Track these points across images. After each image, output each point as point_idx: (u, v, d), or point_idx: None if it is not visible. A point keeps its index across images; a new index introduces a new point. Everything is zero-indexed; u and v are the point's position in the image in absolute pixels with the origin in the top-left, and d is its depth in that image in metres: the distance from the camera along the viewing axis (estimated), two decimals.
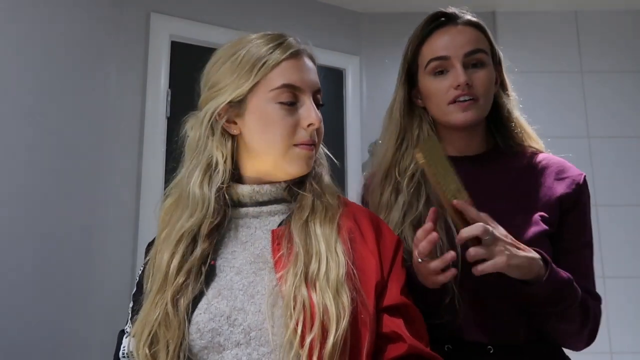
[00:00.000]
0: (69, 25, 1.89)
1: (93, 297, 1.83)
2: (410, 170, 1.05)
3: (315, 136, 0.90)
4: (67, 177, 1.82)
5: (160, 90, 2.11)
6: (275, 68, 0.88)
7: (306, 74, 0.90)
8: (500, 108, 1.08)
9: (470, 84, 0.99)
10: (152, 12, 2.13)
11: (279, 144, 0.87)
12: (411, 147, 1.07)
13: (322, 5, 2.53)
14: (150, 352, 0.80)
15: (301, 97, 0.89)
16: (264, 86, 0.87)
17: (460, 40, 1.02)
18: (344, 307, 0.77)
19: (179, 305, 0.81)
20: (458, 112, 1.00)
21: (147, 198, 2.00)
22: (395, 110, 1.10)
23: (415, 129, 1.08)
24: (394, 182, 1.06)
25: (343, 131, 2.52)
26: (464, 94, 0.99)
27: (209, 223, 0.87)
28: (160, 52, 2.12)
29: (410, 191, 1.03)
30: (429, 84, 1.04)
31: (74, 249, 1.81)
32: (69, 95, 1.86)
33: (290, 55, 0.89)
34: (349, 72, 2.56)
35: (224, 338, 0.79)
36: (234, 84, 0.88)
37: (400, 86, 1.11)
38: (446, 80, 1.01)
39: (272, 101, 0.87)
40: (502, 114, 1.08)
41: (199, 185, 0.88)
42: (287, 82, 0.87)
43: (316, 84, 0.92)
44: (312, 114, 0.88)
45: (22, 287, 1.68)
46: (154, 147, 2.05)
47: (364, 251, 0.88)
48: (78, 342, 1.77)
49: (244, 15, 2.31)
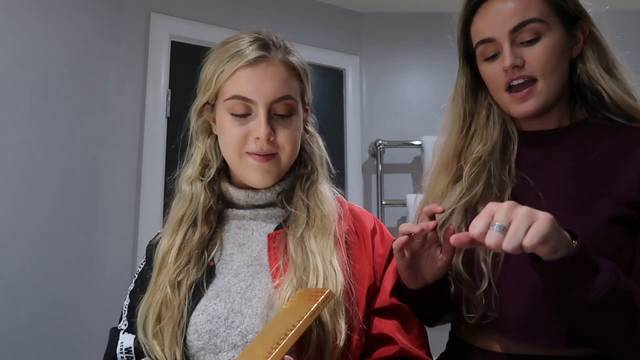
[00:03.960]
0: (69, 25, 1.89)
1: (93, 297, 1.83)
2: (476, 154, 0.94)
3: (271, 147, 0.86)
4: (67, 177, 1.82)
5: (160, 90, 2.11)
6: (230, 78, 0.86)
7: (262, 83, 0.85)
8: (581, 74, 0.91)
9: (522, 64, 0.86)
10: (152, 12, 2.12)
11: (232, 151, 0.88)
12: (479, 133, 0.97)
13: (322, 5, 2.53)
14: (153, 332, 0.82)
15: (254, 108, 0.86)
16: (221, 94, 0.88)
17: (504, 15, 0.87)
18: (340, 330, 0.78)
19: (181, 287, 0.84)
20: (514, 104, 0.89)
21: (147, 198, 2.00)
22: (458, 98, 0.99)
23: (483, 113, 0.97)
24: (455, 171, 0.97)
25: (343, 131, 2.52)
26: (517, 77, 0.87)
27: (203, 207, 0.90)
28: (160, 52, 2.12)
29: (471, 176, 0.93)
30: (483, 70, 0.93)
31: (74, 249, 1.81)
32: (69, 95, 1.86)
33: (246, 63, 0.85)
34: (349, 72, 2.56)
35: (220, 340, 0.80)
36: (206, 86, 0.90)
37: (461, 72, 1.00)
38: (497, 64, 0.89)
39: (226, 111, 0.87)
40: (581, 80, 0.91)
41: (187, 181, 0.93)
42: (237, 93, 0.85)
43: (275, 93, 0.85)
44: (261, 128, 0.84)
45: (22, 286, 1.68)
46: (154, 147, 2.05)
47: (359, 255, 0.88)
48: (78, 341, 1.77)
49: (244, 15, 2.31)
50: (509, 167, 0.92)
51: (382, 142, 2.45)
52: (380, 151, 2.46)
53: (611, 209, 0.80)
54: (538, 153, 0.86)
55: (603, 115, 0.90)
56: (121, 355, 0.86)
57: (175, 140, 2.07)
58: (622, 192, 0.81)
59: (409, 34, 2.59)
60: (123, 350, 0.86)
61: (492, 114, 0.96)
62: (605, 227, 0.80)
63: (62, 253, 1.78)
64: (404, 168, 2.53)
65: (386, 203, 2.43)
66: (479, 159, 0.94)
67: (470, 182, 0.93)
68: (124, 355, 0.86)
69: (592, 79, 0.90)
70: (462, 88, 0.99)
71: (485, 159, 0.94)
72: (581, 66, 0.91)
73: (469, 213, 0.91)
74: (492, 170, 0.92)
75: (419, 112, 2.51)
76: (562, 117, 0.93)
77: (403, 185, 2.47)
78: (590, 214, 0.81)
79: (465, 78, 0.99)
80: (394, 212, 2.45)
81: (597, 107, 0.90)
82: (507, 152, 0.94)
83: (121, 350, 0.87)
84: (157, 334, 0.82)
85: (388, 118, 2.56)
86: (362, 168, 2.54)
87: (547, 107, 0.89)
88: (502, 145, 0.95)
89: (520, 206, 0.67)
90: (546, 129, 0.92)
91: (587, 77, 0.90)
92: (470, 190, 0.92)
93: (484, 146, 0.94)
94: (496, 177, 0.91)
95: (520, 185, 0.89)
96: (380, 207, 2.43)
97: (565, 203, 0.83)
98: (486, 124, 0.97)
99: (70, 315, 1.77)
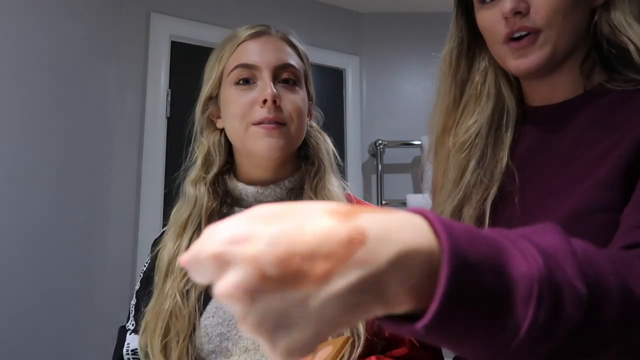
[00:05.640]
0: (69, 25, 1.89)
1: (93, 297, 1.83)
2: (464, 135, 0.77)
3: (279, 114, 0.83)
4: (67, 177, 1.82)
5: (160, 90, 2.11)
6: (234, 52, 0.87)
7: (265, 51, 0.86)
8: (601, 24, 0.70)
9: (525, 10, 0.68)
10: (152, 12, 2.13)
11: (237, 124, 0.85)
12: (470, 106, 0.79)
13: (322, 5, 2.53)
14: (162, 343, 0.79)
15: (258, 75, 0.85)
16: (225, 72, 0.88)
17: None
18: (358, 333, 0.76)
19: (189, 296, 0.81)
20: (512, 57, 0.71)
21: (147, 198, 2.00)
22: (447, 59, 0.80)
23: (477, 80, 0.79)
24: (447, 154, 0.80)
25: (343, 131, 2.52)
26: (519, 27, 0.69)
27: (206, 210, 0.87)
28: (160, 52, 2.12)
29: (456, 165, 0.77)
30: (479, 17, 0.75)
31: (74, 248, 1.81)
32: (69, 95, 1.86)
33: (249, 36, 0.88)
34: (349, 72, 2.56)
35: (232, 343, 0.78)
36: (207, 78, 0.90)
37: (454, 25, 0.80)
38: (497, 9, 0.71)
39: (230, 85, 0.87)
40: (602, 32, 0.70)
41: (191, 183, 0.90)
42: (240, 62, 0.86)
43: (278, 59, 0.86)
44: (267, 90, 0.82)
45: (22, 286, 1.68)
46: (154, 147, 2.05)
47: None
48: (78, 341, 1.77)
49: (244, 15, 2.31)
50: (502, 154, 0.75)
51: (382, 142, 2.45)
52: (380, 151, 2.46)
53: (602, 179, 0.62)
54: (541, 134, 0.71)
55: (627, 78, 0.69)
56: (127, 357, 0.85)
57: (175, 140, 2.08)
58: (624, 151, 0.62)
59: (409, 34, 2.60)
60: (129, 352, 0.85)
61: (487, 80, 0.78)
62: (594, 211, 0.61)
63: (62, 253, 1.78)
64: (404, 168, 2.53)
65: (386, 203, 2.43)
66: (467, 143, 0.77)
67: (455, 173, 0.77)
68: (131, 357, 0.85)
69: (616, 28, 0.69)
70: (453, 47, 0.80)
71: (473, 142, 0.77)
72: (605, 15, 0.70)
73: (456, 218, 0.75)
74: (481, 157, 0.76)
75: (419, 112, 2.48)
76: (575, 83, 0.73)
77: (403, 185, 2.48)
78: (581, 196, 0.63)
79: (458, 33, 0.80)
80: None
81: (619, 66, 0.70)
82: (501, 132, 0.77)
83: (127, 352, 0.86)
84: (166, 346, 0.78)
85: (388, 118, 2.56)
86: (362, 168, 2.54)
87: (554, 64, 0.71)
88: (497, 123, 0.78)
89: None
90: (553, 103, 0.74)
91: (609, 27, 0.70)
92: (456, 186, 0.76)
93: (474, 124, 0.77)
94: (485, 167, 0.75)
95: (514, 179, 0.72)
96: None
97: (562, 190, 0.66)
98: (479, 96, 0.78)
99: (70, 315, 1.77)
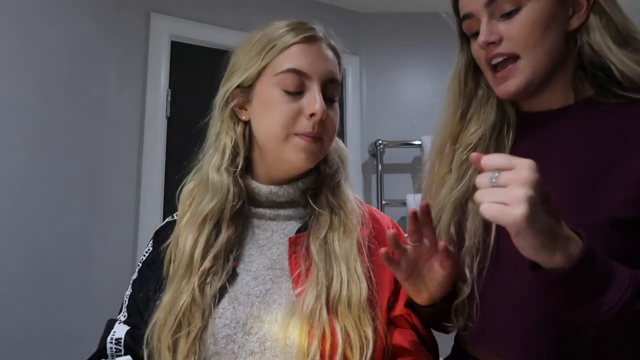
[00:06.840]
0: (69, 25, 1.89)
1: (93, 297, 1.83)
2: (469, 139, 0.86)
3: (320, 129, 0.82)
4: (67, 177, 1.82)
5: (160, 90, 2.10)
6: (284, 51, 0.83)
7: (318, 60, 0.83)
8: (583, 47, 0.79)
9: (498, 40, 0.77)
10: (152, 12, 2.12)
11: (278, 131, 0.82)
12: (476, 116, 0.88)
13: (322, 5, 2.53)
14: (172, 339, 0.77)
15: (308, 85, 0.82)
16: (270, 69, 0.83)
17: None
18: (367, 337, 0.75)
19: (206, 292, 0.79)
20: (497, 85, 0.81)
21: (147, 198, 2.00)
22: (455, 78, 0.91)
23: (481, 94, 0.89)
24: (450, 157, 0.89)
25: (343, 131, 2.52)
26: (495, 54, 0.78)
27: (231, 207, 0.84)
28: (160, 52, 2.12)
29: (460, 164, 0.85)
30: (471, 48, 0.85)
31: (74, 248, 1.81)
32: (69, 95, 1.86)
33: (303, 39, 0.84)
34: (349, 72, 2.56)
35: (238, 346, 0.77)
36: (244, 67, 0.85)
37: (460, 50, 0.90)
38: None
39: (276, 86, 0.82)
40: (586, 54, 0.79)
41: (216, 170, 0.85)
42: (293, 66, 0.82)
43: (329, 73, 0.84)
44: (317, 104, 0.80)
45: (21, 286, 1.67)
46: (154, 147, 2.05)
47: (380, 260, 0.84)
48: (78, 341, 1.77)
49: (244, 15, 2.31)
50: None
51: (382, 142, 2.45)
52: (380, 151, 2.46)
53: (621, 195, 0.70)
54: (538, 137, 0.78)
55: (613, 93, 0.78)
56: (110, 345, 0.83)
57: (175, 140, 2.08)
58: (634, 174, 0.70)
59: (409, 34, 2.59)
60: (113, 340, 0.83)
61: (491, 95, 0.88)
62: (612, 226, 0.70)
63: (62, 253, 1.78)
64: (404, 168, 2.53)
65: (386, 203, 2.43)
66: (470, 145, 0.86)
67: (459, 171, 0.86)
68: (113, 346, 0.83)
69: (597, 51, 0.77)
70: (461, 68, 0.90)
71: (477, 145, 0.86)
72: (585, 37, 0.78)
73: (459, 211, 0.84)
74: None
75: (419, 112, 2.50)
76: (566, 96, 0.81)
77: (403, 185, 2.47)
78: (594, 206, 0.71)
79: (464, 57, 0.90)
80: (393, 212, 2.45)
81: (605, 83, 0.78)
82: (502, 136, 0.86)
83: (111, 340, 0.84)
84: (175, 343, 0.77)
85: (388, 118, 2.56)
86: (362, 168, 2.54)
87: (534, 86, 0.79)
88: (499, 129, 0.87)
89: (530, 174, 0.58)
90: (546, 110, 0.82)
91: (591, 50, 0.78)
92: (459, 182, 0.85)
93: (477, 130, 0.86)
94: None
95: None
96: (380, 207, 2.42)
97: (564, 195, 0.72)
98: (484, 106, 0.88)
99: (70, 314, 1.77)
